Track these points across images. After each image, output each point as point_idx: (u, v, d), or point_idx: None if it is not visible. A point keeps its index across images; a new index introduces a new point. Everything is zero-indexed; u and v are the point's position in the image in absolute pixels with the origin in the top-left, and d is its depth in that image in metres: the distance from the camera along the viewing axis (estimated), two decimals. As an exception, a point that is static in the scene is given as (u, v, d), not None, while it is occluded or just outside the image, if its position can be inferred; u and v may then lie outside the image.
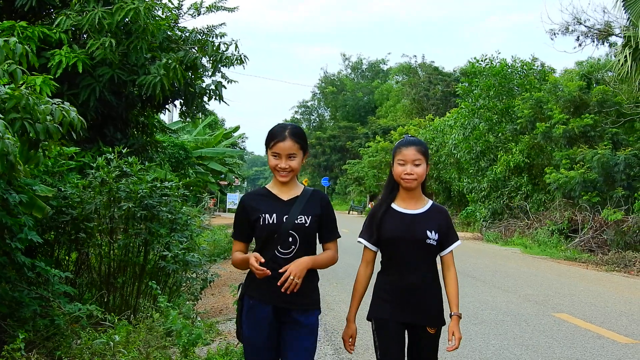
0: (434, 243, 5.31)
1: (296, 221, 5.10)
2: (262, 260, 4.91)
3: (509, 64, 38.44)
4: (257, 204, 5.22)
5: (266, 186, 5.37)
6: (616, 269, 21.22)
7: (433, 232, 5.30)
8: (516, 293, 15.15)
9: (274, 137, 5.13)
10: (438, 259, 5.47)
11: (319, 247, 5.36)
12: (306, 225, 5.12)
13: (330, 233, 5.34)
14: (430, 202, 5.50)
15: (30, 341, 7.41)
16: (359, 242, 5.49)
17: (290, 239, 5.09)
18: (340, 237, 5.36)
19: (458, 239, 5.53)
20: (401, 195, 5.46)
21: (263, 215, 5.12)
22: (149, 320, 8.58)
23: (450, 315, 5.35)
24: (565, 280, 17.95)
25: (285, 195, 5.23)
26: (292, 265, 4.96)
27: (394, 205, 5.44)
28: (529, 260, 23.58)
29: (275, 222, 5.09)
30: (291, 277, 4.92)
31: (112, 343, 7.48)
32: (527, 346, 10.02)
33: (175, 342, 8.18)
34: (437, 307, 5.40)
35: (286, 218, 5.10)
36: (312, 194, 5.32)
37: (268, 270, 4.88)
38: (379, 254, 5.51)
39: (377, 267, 5.53)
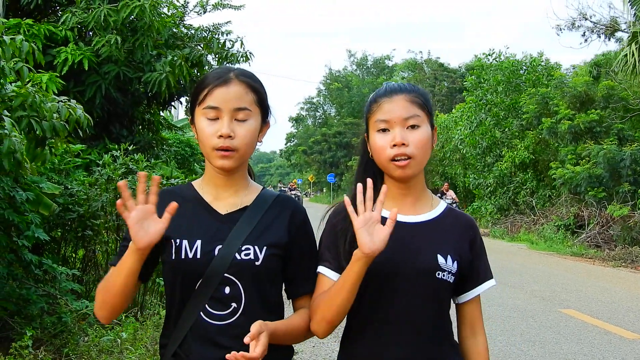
0: (450, 278, 2.92)
1: (238, 255, 2.78)
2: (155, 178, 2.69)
3: (518, 60, 38.52)
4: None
5: (193, 183, 3.09)
6: (623, 264, 21.17)
7: (449, 257, 2.92)
8: (523, 289, 15.13)
9: (207, 82, 2.88)
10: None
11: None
12: (257, 263, 2.80)
13: (304, 280, 3.01)
14: (442, 204, 3.13)
15: (38, 338, 7.42)
16: (317, 273, 3.02)
17: (228, 290, 2.78)
18: None
19: (492, 276, 3.14)
20: (389, 191, 2.87)
21: (177, 241, 2.83)
22: (155, 317, 8.59)
23: None
24: (572, 276, 17.93)
25: (224, 203, 2.95)
26: (260, 336, 2.58)
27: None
28: (535, 256, 23.56)
29: (198, 255, 2.79)
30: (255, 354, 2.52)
31: (119, 340, 7.49)
32: (534, 342, 10.02)
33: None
34: None
35: (220, 249, 2.80)
36: (275, 202, 3.01)
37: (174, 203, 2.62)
38: None
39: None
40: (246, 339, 2.54)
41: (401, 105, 2.91)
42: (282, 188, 71.86)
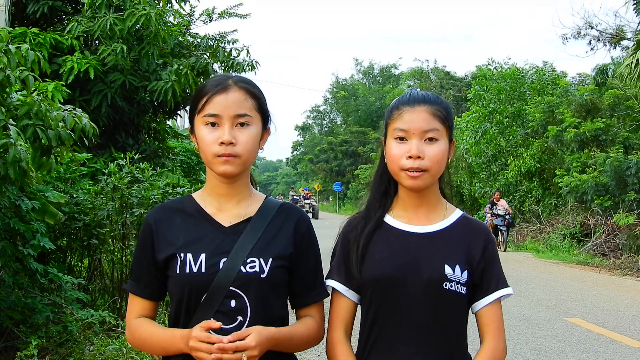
0: (460, 289, 2.88)
1: (243, 268, 2.76)
2: (216, 325, 2.61)
3: (521, 68, 38.55)
4: (172, 231, 2.89)
5: (193, 195, 3.03)
6: (629, 273, 21.12)
7: (457, 267, 2.88)
8: (529, 297, 15.10)
9: (206, 90, 2.84)
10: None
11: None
12: (263, 276, 2.78)
13: (309, 290, 2.99)
14: (457, 213, 3.08)
15: (43, 347, 7.42)
16: (327, 286, 3.04)
17: (233, 303, 2.75)
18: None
19: (507, 285, 3.11)
20: (402, 200, 3.02)
21: (181, 255, 2.81)
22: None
23: None
24: (578, 285, 17.88)
25: (227, 215, 2.91)
26: (252, 334, 2.62)
27: (389, 219, 3.01)
28: (541, 265, 23.51)
29: (203, 269, 2.77)
30: (243, 355, 2.56)
31: (124, 349, 7.48)
32: (540, 351, 10.00)
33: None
34: None
35: (224, 262, 2.77)
36: (279, 211, 2.97)
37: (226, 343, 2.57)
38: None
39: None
40: (229, 336, 2.59)
41: (422, 117, 2.86)
42: (295, 197, 71.15)
